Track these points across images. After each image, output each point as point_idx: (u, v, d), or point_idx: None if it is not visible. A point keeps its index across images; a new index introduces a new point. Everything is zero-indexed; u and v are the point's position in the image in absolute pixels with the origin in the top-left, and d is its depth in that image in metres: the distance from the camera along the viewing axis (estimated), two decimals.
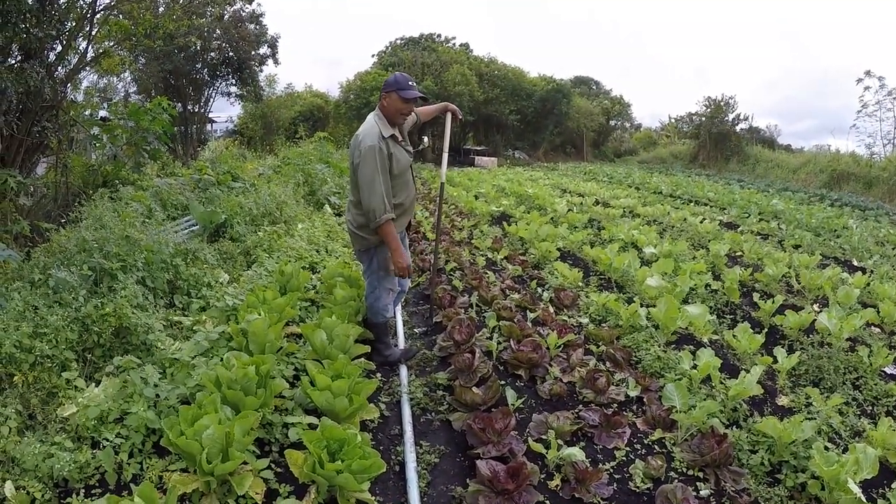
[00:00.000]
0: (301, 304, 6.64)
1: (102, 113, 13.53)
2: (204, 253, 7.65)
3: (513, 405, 5.02)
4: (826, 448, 4.65)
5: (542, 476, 4.32)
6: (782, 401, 5.88)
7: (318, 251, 9.33)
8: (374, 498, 3.99)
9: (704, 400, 5.38)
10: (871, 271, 10.62)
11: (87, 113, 11.86)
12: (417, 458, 4.55)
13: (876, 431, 4.99)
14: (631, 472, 4.47)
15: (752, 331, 6.72)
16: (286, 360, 5.23)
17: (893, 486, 4.46)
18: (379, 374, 5.68)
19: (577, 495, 4.12)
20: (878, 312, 7.73)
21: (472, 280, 8.35)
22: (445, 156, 6.83)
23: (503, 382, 5.50)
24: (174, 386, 4.47)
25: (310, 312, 6.71)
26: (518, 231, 11.44)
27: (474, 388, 5.15)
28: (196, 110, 31.02)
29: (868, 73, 39.78)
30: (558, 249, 10.35)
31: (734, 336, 6.62)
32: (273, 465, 4.04)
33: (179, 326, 5.81)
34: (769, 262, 9.82)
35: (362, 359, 5.57)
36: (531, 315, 7.07)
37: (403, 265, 5.37)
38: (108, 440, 3.87)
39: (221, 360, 4.79)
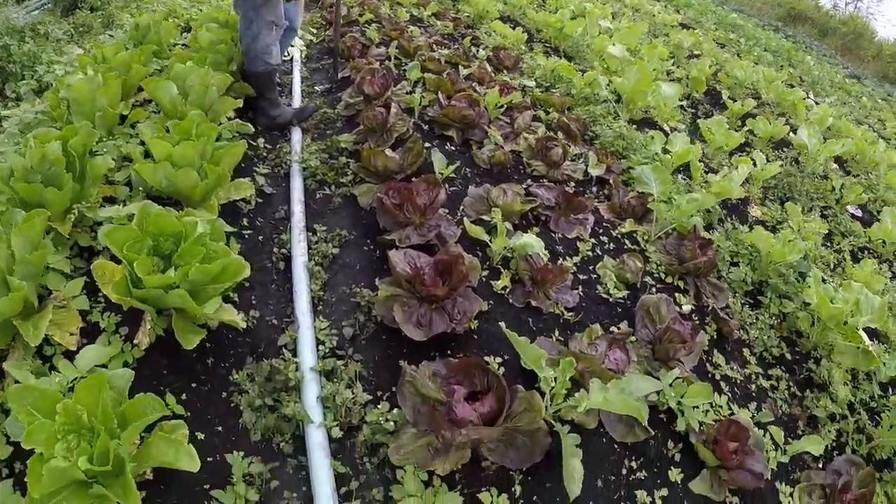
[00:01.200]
0: (161, 64, 4.66)
1: None
2: (50, 27, 6.00)
3: (441, 173, 3.58)
4: (823, 280, 3.69)
5: (485, 274, 3.01)
6: (755, 211, 4.87)
7: (201, 8, 7.10)
8: (242, 315, 2.61)
9: (689, 192, 4.16)
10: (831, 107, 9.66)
11: None
12: (310, 248, 3.15)
13: (858, 271, 4.12)
14: (600, 274, 3.24)
15: (726, 125, 5.53)
16: (128, 134, 3.52)
17: None
18: (262, 141, 4.14)
19: (533, 302, 2.87)
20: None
21: (391, 31, 6.54)
22: None
23: (428, 146, 4.00)
24: None
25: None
26: None
27: (388, 150, 3.65)
28: None
29: None
30: (498, 12, 8.57)
31: (708, 128, 5.40)
32: None
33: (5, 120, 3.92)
34: (735, 65, 8.52)
35: (237, 121, 3.96)
36: (464, 71, 5.54)
37: None
38: None
39: None
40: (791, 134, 6.42)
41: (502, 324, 2.31)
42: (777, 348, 3.46)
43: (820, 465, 3.06)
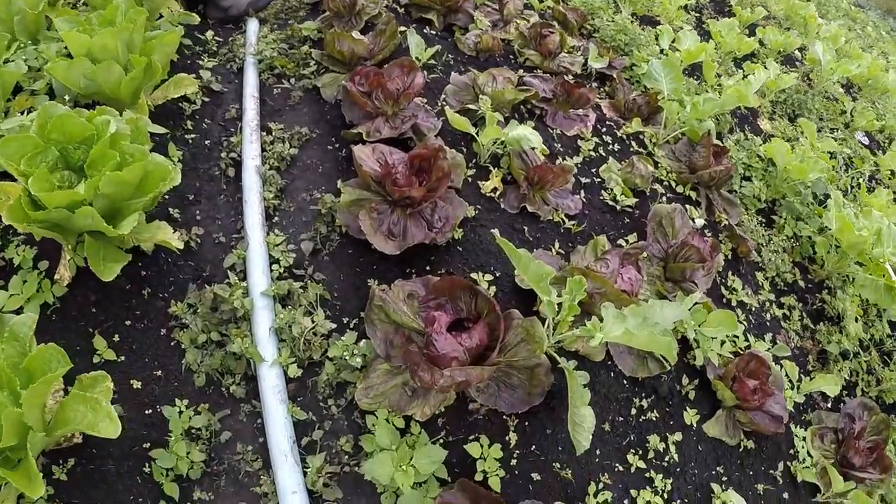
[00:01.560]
0: None
1: None
2: None
3: (418, 59, 2.99)
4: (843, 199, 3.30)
5: (471, 174, 2.49)
6: (764, 125, 4.39)
7: None
8: (181, 232, 2.15)
9: (705, 93, 3.65)
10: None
11: None
12: (264, 150, 2.62)
13: (874, 199, 3.74)
14: (604, 178, 2.74)
15: (738, 29, 4.98)
16: (53, 38, 2.83)
17: None
18: (212, 34, 3.37)
19: (529, 208, 2.38)
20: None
21: None
22: None
23: (404, 29, 3.38)
24: None
25: None
26: None
27: (354, 33, 3.03)
28: None
29: None
30: None
31: (718, 31, 4.84)
32: None
33: None
34: None
35: (178, 10, 3.32)
36: None
37: None
38: None
39: None
40: (800, 50, 5.91)
41: (495, 231, 1.82)
42: (790, 274, 3.09)
43: (829, 406, 2.78)
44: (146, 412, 1.81)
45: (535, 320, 1.81)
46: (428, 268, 2.16)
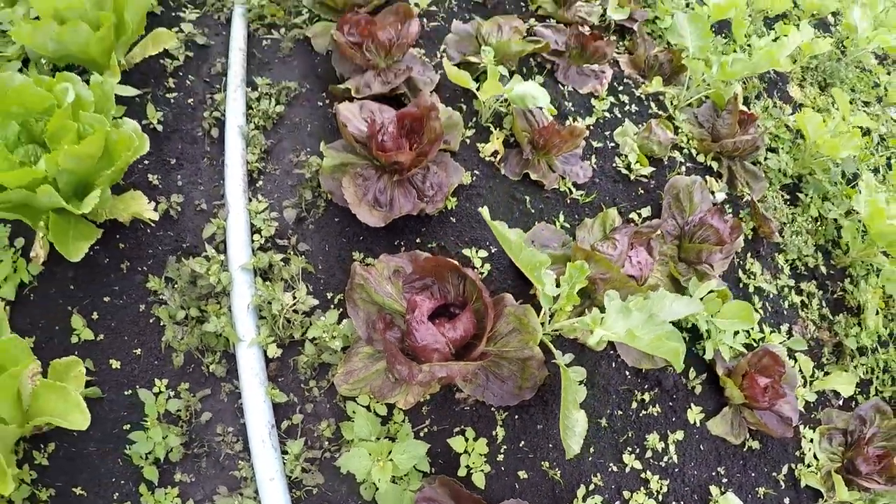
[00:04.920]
0: None
1: None
2: None
3: (417, 5, 2.69)
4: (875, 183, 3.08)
5: (470, 134, 2.24)
6: (794, 92, 4.10)
7: None
8: (160, 204, 2.00)
9: (735, 53, 3.36)
10: None
11: None
12: (249, 108, 2.38)
13: None
14: (618, 143, 2.48)
15: None
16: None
17: None
18: None
19: (532, 175, 2.14)
20: None
21: None
22: None
23: None
24: None
25: None
26: None
27: None
28: None
29: None
30: None
31: None
32: None
33: None
34: None
35: None
36: None
37: None
38: None
39: None
40: (834, 15, 5.51)
41: (484, 209, 1.59)
42: (812, 258, 2.86)
43: (841, 403, 2.59)
44: (125, 392, 1.72)
45: (529, 309, 1.60)
46: (418, 240, 1.95)
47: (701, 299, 1.98)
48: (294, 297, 1.84)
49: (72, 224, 1.78)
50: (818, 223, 3.07)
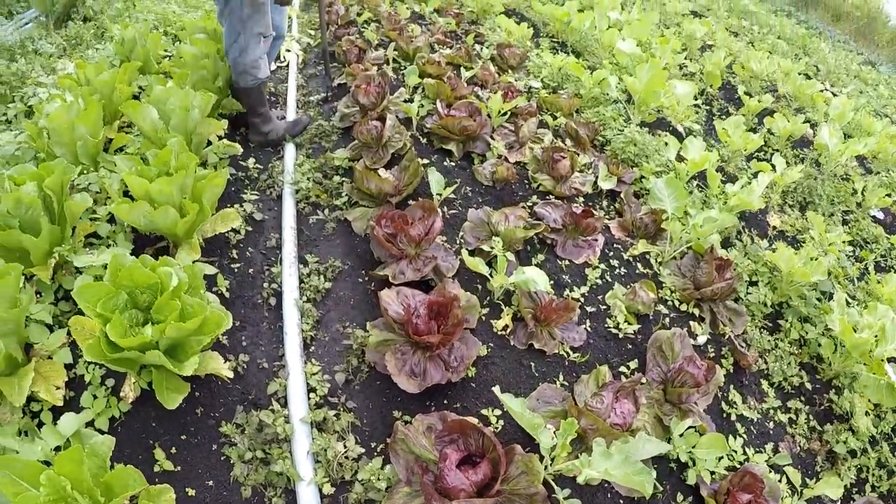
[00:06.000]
0: (151, 81, 4.42)
1: None
2: (40, 43, 5.69)
3: (439, 195, 3.36)
4: (847, 303, 3.51)
5: (484, 312, 2.81)
6: (774, 220, 4.63)
7: (196, 13, 6.80)
8: (229, 362, 2.47)
9: (703, 207, 3.94)
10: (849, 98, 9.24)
11: None
12: (301, 282, 2.98)
13: (883, 287, 3.91)
14: (609, 305, 3.03)
15: (744, 126, 5.25)
16: (112, 162, 3.30)
17: None
18: (253, 161, 3.90)
19: (536, 344, 2.67)
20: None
21: (390, 31, 6.26)
22: None
23: (426, 162, 3.79)
24: None
25: None
26: None
27: (382, 171, 3.45)
28: None
29: None
30: (502, 4, 8.26)
31: (724, 129, 5.12)
32: None
33: None
34: (750, 56, 8.19)
35: (223, 142, 3.73)
36: (466, 73, 5.25)
37: None
38: None
39: None
40: (811, 131, 6.12)
41: (496, 389, 2.14)
42: (797, 377, 3.26)
43: None
44: None
45: (533, 457, 2.09)
46: (445, 402, 2.46)
47: (680, 435, 2.46)
48: (345, 446, 2.32)
49: (168, 379, 2.23)
50: (800, 345, 3.49)
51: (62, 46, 5.99)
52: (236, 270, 3.02)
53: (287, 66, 5.80)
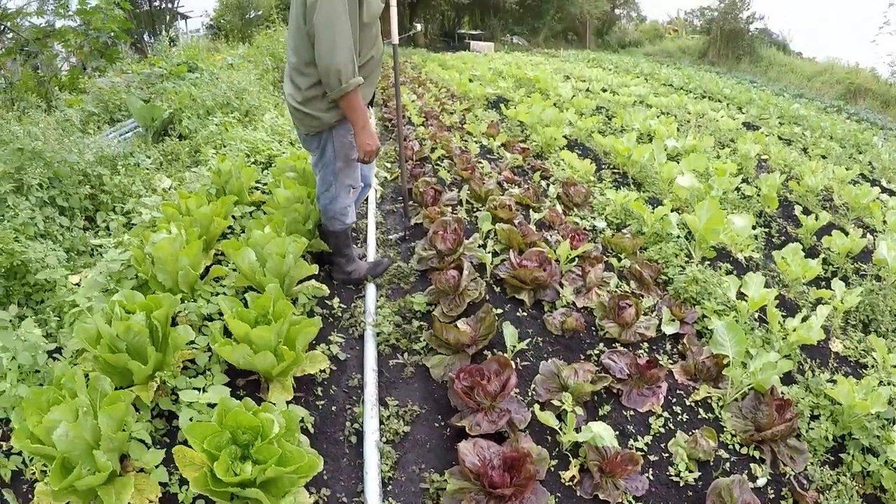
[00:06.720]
0: (244, 212, 5.12)
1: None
2: (139, 157, 6.37)
3: (513, 348, 3.75)
4: None
5: (553, 463, 3.12)
6: (836, 346, 4.75)
7: (280, 143, 7.71)
8: (312, 495, 2.80)
9: (762, 346, 4.18)
10: None
11: (28, 21, 10.64)
12: (381, 424, 3.32)
13: None
14: (671, 452, 3.30)
15: (802, 253, 5.48)
16: (209, 292, 3.82)
17: None
18: (337, 300, 4.37)
19: (600, 495, 2.94)
20: None
21: (462, 170, 6.94)
22: (394, 10, 5.19)
23: (499, 311, 4.22)
24: (60, 346, 3.31)
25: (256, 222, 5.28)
26: (518, 114, 9.92)
27: (459, 324, 3.86)
28: (163, 6, 27.39)
29: None
30: (565, 137, 8.86)
31: (783, 258, 5.38)
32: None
33: (101, 252, 4.35)
34: (804, 170, 8.47)
35: (312, 282, 4.18)
36: (535, 216, 5.73)
37: (373, 147, 3.92)
38: None
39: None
40: (870, 245, 6.25)
41: None
42: None
43: None
44: None
45: None
46: None
47: None
48: None
49: None
50: (863, 476, 3.59)
51: (158, 160, 6.75)
52: (320, 407, 3.34)
53: (366, 201, 6.38)
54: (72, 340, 3.19)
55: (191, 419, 2.83)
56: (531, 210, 6.01)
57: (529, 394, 3.55)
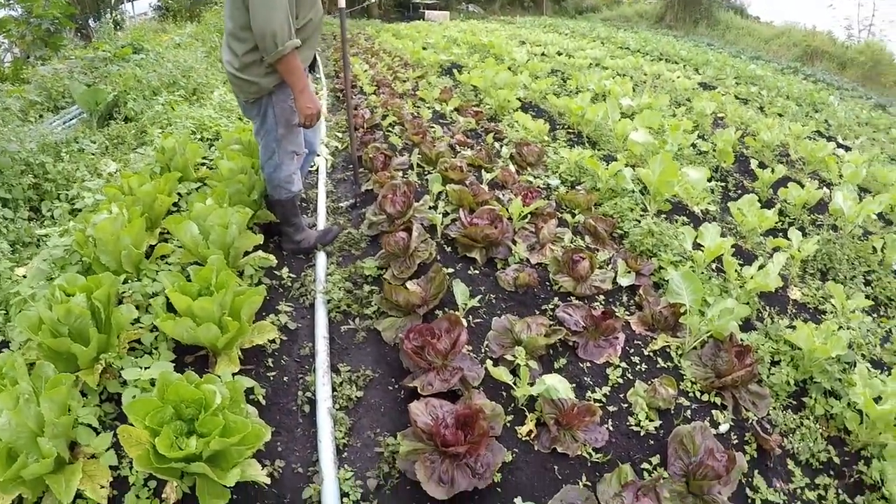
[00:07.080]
0: (190, 188, 4.90)
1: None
2: (84, 142, 6.29)
3: (465, 306, 3.62)
4: (868, 371, 3.58)
5: (509, 419, 3.01)
6: (794, 294, 4.74)
7: (229, 118, 7.46)
8: (266, 467, 2.67)
9: (719, 295, 4.11)
10: (861, 152, 9.41)
11: None
12: (334, 390, 3.20)
13: None
14: (630, 402, 3.20)
15: (758, 205, 5.44)
16: (154, 271, 3.68)
17: None
18: (286, 270, 4.24)
19: (559, 448, 2.84)
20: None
21: (413, 135, 6.76)
22: None
23: (451, 270, 4.08)
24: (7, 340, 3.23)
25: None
26: (471, 79, 9.73)
27: (409, 285, 3.71)
28: None
29: None
30: (518, 100, 8.70)
31: (739, 209, 5.33)
32: None
33: (47, 242, 4.18)
34: (761, 127, 8.45)
35: (259, 253, 4.08)
36: (487, 175, 5.63)
37: (314, 110, 3.78)
38: None
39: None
40: (828, 192, 6.25)
41: (518, 500, 2.32)
42: (824, 452, 3.30)
43: None
44: None
45: None
46: None
47: None
48: None
49: (210, 486, 2.36)
50: (826, 419, 3.56)
51: (104, 145, 6.56)
52: (272, 378, 3.23)
53: (316, 171, 6.22)
54: (16, 331, 3.06)
55: (133, 397, 2.69)
56: (483, 171, 5.86)
57: (483, 351, 3.43)
